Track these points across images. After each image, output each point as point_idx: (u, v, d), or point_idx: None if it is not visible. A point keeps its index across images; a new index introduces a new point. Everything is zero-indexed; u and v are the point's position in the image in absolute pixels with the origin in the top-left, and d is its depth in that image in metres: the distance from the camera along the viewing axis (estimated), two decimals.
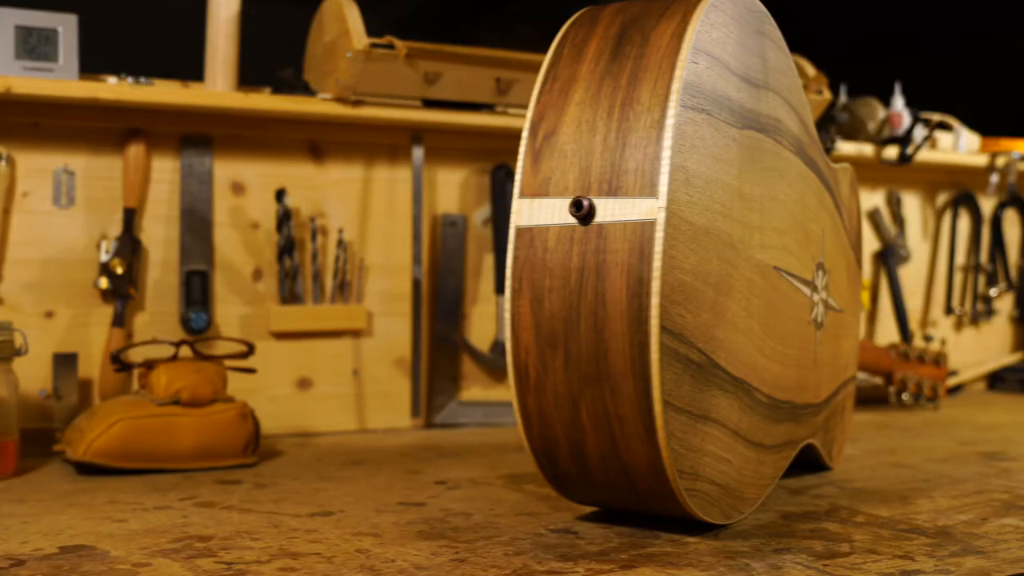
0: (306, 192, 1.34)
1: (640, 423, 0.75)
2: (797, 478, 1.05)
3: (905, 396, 1.55)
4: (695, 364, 0.76)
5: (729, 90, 0.81)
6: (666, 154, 0.74)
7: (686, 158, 0.75)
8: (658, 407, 0.73)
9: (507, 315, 0.79)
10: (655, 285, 0.73)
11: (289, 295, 1.31)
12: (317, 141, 1.34)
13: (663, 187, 0.73)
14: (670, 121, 0.74)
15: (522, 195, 0.80)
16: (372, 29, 1.23)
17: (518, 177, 0.80)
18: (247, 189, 1.31)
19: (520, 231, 0.79)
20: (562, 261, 0.77)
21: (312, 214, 1.33)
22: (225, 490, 1.00)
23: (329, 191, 1.35)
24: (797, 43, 1.66)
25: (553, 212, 0.78)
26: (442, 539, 0.80)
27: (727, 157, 0.80)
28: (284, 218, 1.28)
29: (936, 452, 1.21)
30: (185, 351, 1.16)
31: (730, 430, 0.82)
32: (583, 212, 0.76)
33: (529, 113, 0.81)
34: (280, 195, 1.28)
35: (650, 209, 0.74)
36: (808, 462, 1.07)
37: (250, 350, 1.16)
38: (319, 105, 1.26)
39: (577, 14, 0.85)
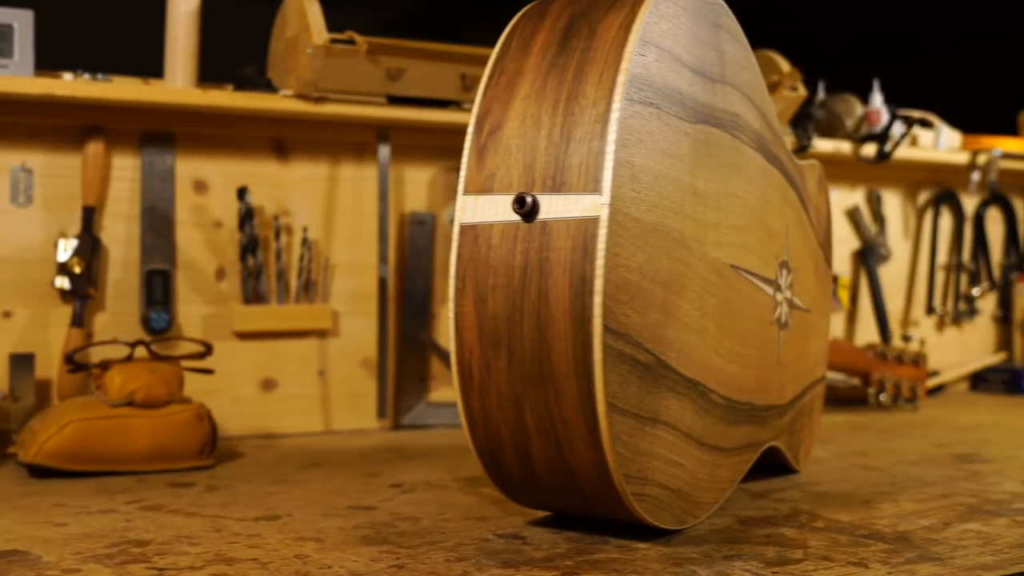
0: (270, 190, 1.31)
1: (584, 426, 0.73)
2: (762, 481, 1.03)
3: (883, 397, 1.53)
4: (643, 365, 0.74)
5: (681, 83, 0.78)
6: (610, 149, 0.72)
7: (632, 153, 0.73)
8: (602, 409, 0.71)
9: (451, 314, 0.77)
10: (598, 283, 0.70)
11: (252, 295, 1.29)
12: (282, 139, 1.32)
13: (607, 183, 0.71)
14: (615, 115, 0.72)
15: (466, 191, 0.77)
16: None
17: (463, 173, 0.78)
18: (210, 187, 1.29)
19: (464, 228, 0.77)
20: (505, 259, 0.74)
21: (276, 212, 1.31)
22: (175, 493, 0.97)
23: (294, 189, 1.33)
24: (789, 42, 1.66)
25: (497, 209, 0.76)
26: (385, 544, 0.78)
27: (678, 152, 0.78)
28: (246, 216, 1.26)
29: (908, 454, 1.19)
30: (141, 351, 1.14)
31: (682, 433, 0.79)
32: (526, 209, 0.73)
33: (475, 108, 0.79)
34: (242, 193, 1.26)
35: (593, 205, 0.71)
36: (775, 464, 1.05)
37: (208, 350, 1.14)
38: (280, 102, 1.24)
39: (527, 7, 0.83)
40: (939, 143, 1.73)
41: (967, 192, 1.81)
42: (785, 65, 1.44)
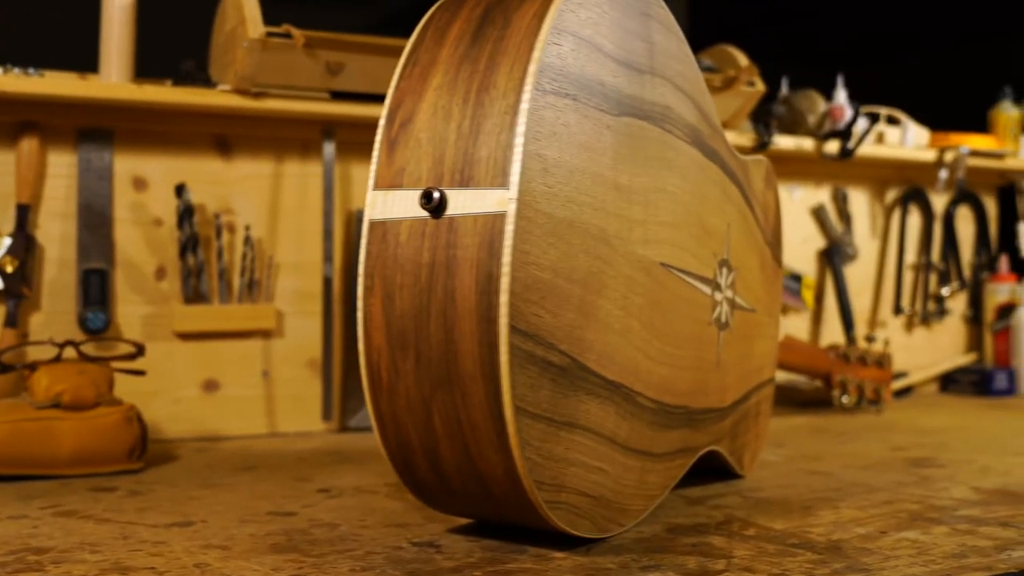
0: (212, 188, 1.28)
1: (492, 430, 0.69)
2: (703, 486, 1.00)
3: (845, 399, 1.50)
4: (556, 367, 0.71)
5: (603, 74, 0.75)
6: (519, 141, 0.69)
7: (544, 146, 0.70)
8: (509, 413, 0.68)
9: (359, 314, 0.74)
10: (504, 282, 0.67)
11: (194, 294, 1.26)
12: (224, 135, 1.29)
13: (514, 177, 0.68)
14: (524, 106, 0.69)
15: (376, 187, 0.74)
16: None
17: (373, 167, 0.75)
18: (149, 184, 1.26)
19: (373, 225, 0.74)
20: (413, 257, 0.71)
21: (218, 210, 1.28)
22: (95, 498, 0.94)
23: (237, 187, 1.30)
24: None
25: (406, 204, 0.73)
26: (293, 553, 0.75)
27: (599, 146, 0.75)
28: (185, 214, 1.23)
29: (861, 458, 1.16)
30: (70, 352, 1.11)
31: (604, 438, 0.76)
32: (433, 204, 0.70)
33: (387, 100, 0.76)
34: (180, 190, 1.23)
35: (500, 200, 0.68)
36: (720, 469, 1.02)
37: (139, 351, 1.11)
38: (219, 97, 1.21)
39: None
40: (906, 140, 1.69)
41: (935, 190, 1.78)
42: (743, 59, 1.41)
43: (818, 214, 1.69)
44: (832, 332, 1.72)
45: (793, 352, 1.42)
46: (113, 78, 1.18)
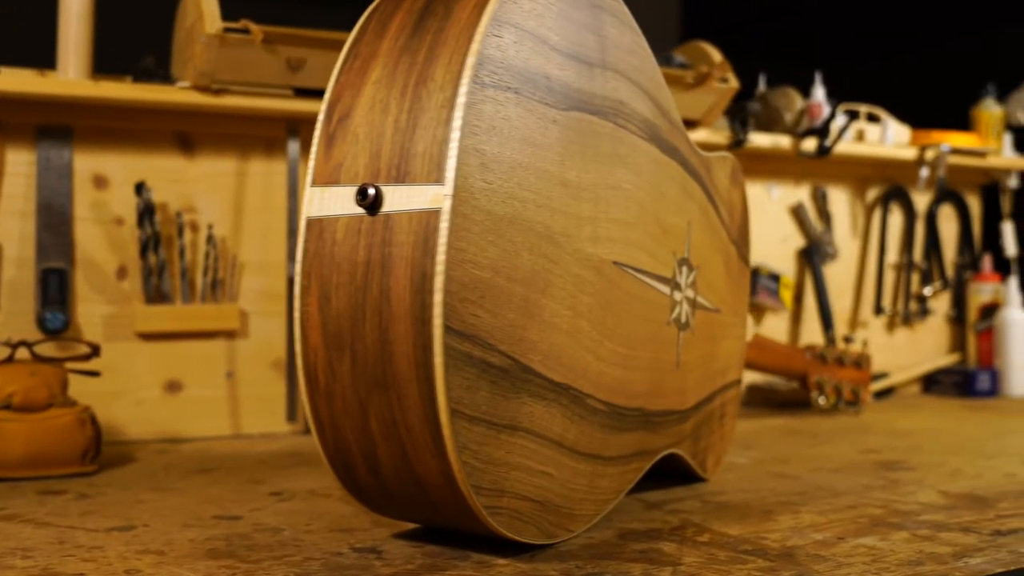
0: (175, 186, 1.26)
1: (428, 433, 0.67)
2: (664, 490, 0.98)
3: (822, 400, 1.48)
4: (497, 369, 0.69)
5: (548, 68, 0.73)
6: (455, 136, 0.67)
7: (482, 140, 0.68)
8: (444, 416, 0.66)
9: (296, 314, 0.71)
10: (438, 281, 0.65)
11: (155, 294, 1.24)
12: (186, 133, 1.27)
13: (450, 172, 0.66)
14: (461, 100, 0.67)
15: (314, 183, 0.72)
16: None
17: (311, 163, 0.73)
18: (110, 183, 1.24)
19: (311, 222, 0.72)
20: (349, 255, 0.69)
21: (181, 208, 1.26)
22: (41, 501, 0.92)
23: (200, 185, 1.28)
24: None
25: (343, 201, 0.70)
26: (229, 559, 0.73)
27: (544, 141, 0.72)
28: (146, 212, 1.21)
29: (831, 461, 1.14)
30: (23, 353, 1.09)
31: (551, 441, 0.74)
32: (368, 201, 0.68)
33: (327, 94, 0.74)
34: (140, 188, 1.21)
35: (436, 197, 0.66)
36: (683, 473, 1.00)
37: (94, 352, 1.09)
38: (178, 94, 1.19)
39: None
40: (886, 138, 1.67)
41: (917, 189, 1.75)
42: (716, 55, 1.39)
43: (797, 213, 1.67)
44: (811, 332, 1.69)
45: (767, 353, 1.39)
46: (71, 74, 1.16)
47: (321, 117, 0.73)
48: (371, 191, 0.68)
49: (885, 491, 0.98)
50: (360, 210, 0.69)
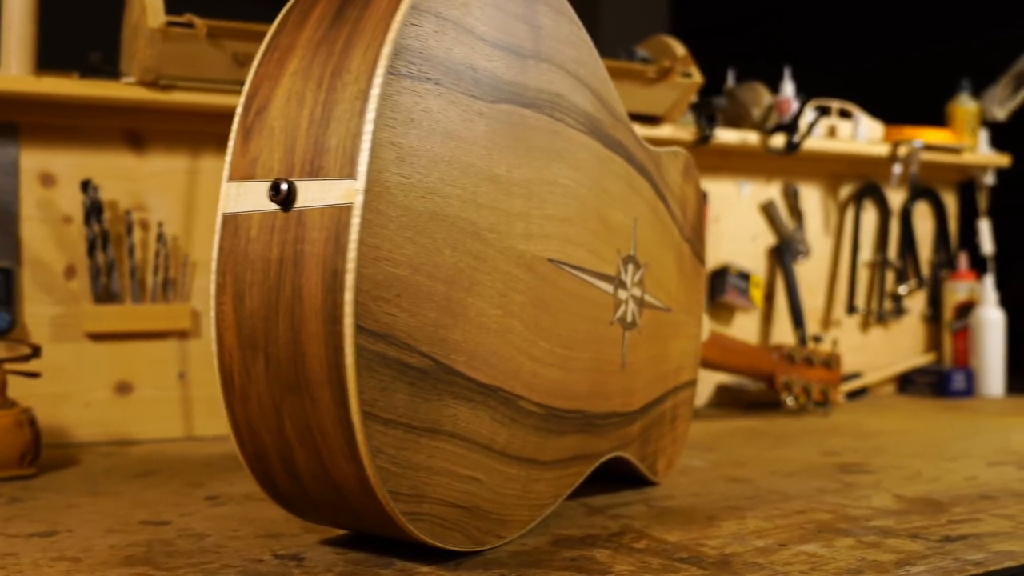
0: (125, 184, 1.24)
1: (341, 437, 0.65)
2: (611, 494, 0.95)
3: (790, 401, 1.45)
4: (416, 370, 0.66)
5: (475, 58, 0.71)
6: (368, 128, 0.64)
7: (399, 134, 0.65)
8: (357, 419, 0.64)
9: (212, 313, 0.69)
10: (349, 279, 0.63)
11: (104, 293, 1.21)
12: (136, 130, 1.24)
13: (362, 166, 0.64)
14: (375, 91, 0.65)
15: (230, 178, 0.70)
16: None
17: (228, 158, 0.70)
18: (58, 180, 1.21)
19: (226, 219, 0.69)
20: (263, 252, 0.67)
21: (131, 206, 1.23)
22: None
23: (150, 183, 1.25)
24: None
25: (258, 197, 0.68)
26: (144, 566, 0.71)
27: (469, 135, 0.70)
28: (93, 210, 1.19)
29: (790, 463, 1.12)
30: None
31: (478, 445, 0.72)
32: (281, 196, 0.66)
33: (245, 86, 0.71)
34: (86, 186, 1.18)
35: (347, 192, 0.64)
36: (634, 476, 0.97)
37: (34, 352, 1.07)
38: (124, 90, 1.16)
39: None
40: (858, 134, 1.65)
41: (890, 186, 1.73)
42: (680, 49, 1.36)
43: (768, 210, 1.64)
44: (783, 332, 1.67)
45: (731, 353, 1.37)
46: (13, 70, 1.14)
47: (239, 110, 0.71)
48: (284, 186, 0.66)
49: (838, 495, 0.95)
50: (274, 206, 0.67)
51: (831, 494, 0.96)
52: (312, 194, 0.66)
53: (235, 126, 0.71)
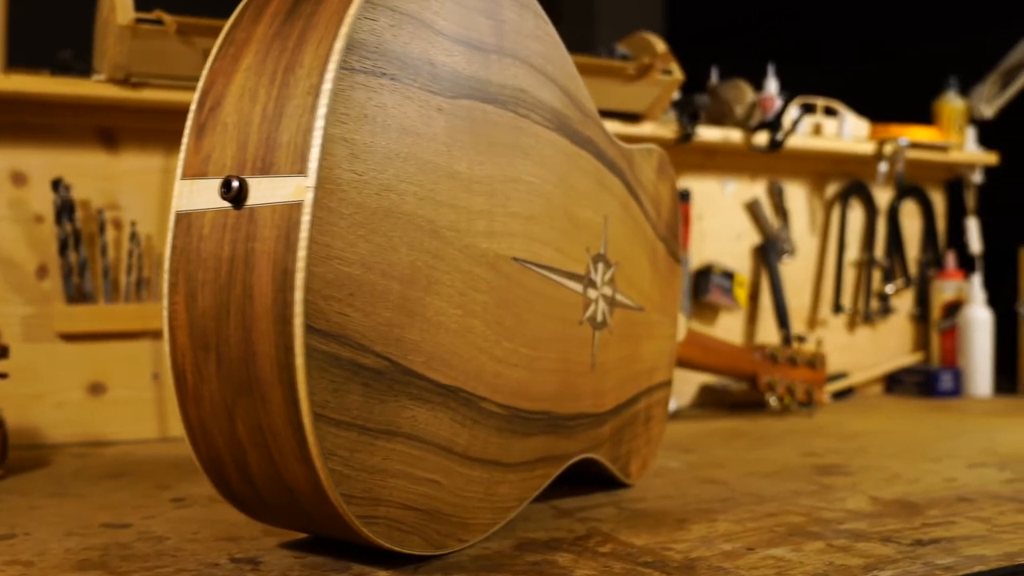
0: (98, 182, 1.23)
1: (293, 438, 0.64)
2: (582, 496, 0.94)
3: (773, 401, 1.44)
4: (370, 371, 0.65)
5: (433, 53, 0.70)
6: (319, 124, 0.63)
7: (352, 129, 0.64)
8: (308, 421, 0.62)
9: (164, 313, 0.68)
10: (299, 278, 0.61)
11: (76, 293, 1.20)
12: (109, 128, 1.23)
13: (313, 163, 0.62)
14: (327, 86, 0.63)
15: (184, 176, 0.68)
16: None
17: (181, 155, 0.69)
18: (30, 179, 1.20)
19: (179, 217, 0.68)
20: (215, 251, 0.66)
21: (103, 205, 1.22)
22: None
23: (124, 181, 1.24)
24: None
25: (210, 195, 0.67)
26: (98, 570, 0.70)
27: (427, 131, 0.69)
28: (64, 209, 1.17)
29: (768, 465, 1.10)
30: None
31: (437, 447, 0.70)
32: (232, 194, 0.65)
33: (200, 82, 0.70)
34: (56, 185, 1.17)
35: (298, 189, 0.62)
36: (606, 478, 0.96)
37: (2, 353, 1.05)
38: (94, 87, 1.15)
39: None
40: (843, 132, 1.63)
41: (876, 184, 1.71)
42: (660, 46, 1.35)
43: (752, 209, 1.63)
44: (768, 332, 1.65)
45: (712, 353, 1.35)
46: None
47: (193, 106, 0.70)
48: (235, 183, 0.65)
49: (813, 497, 0.94)
50: (226, 204, 0.66)
51: (806, 496, 0.94)
52: (263, 191, 0.64)
53: (189, 123, 0.70)
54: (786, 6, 2.29)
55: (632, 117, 1.43)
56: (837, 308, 1.70)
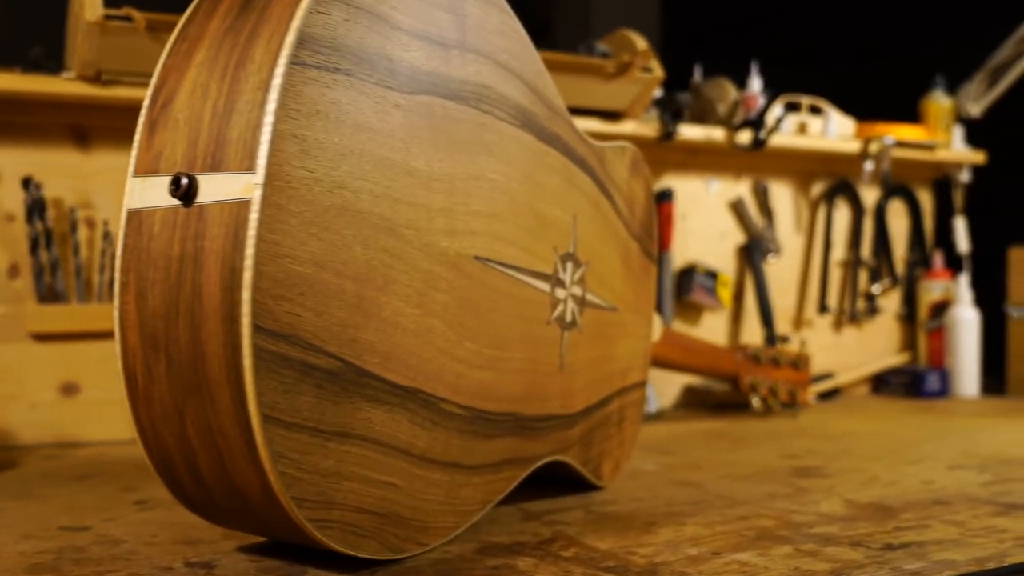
0: (71, 181, 1.21)
1: (242, 440, 0.62)
2: (552, 498, 0.93)
3: (756, 402, 1.42)
4: (322, 371, 0.64)
5: (390, 48, 0.68)
6: (268, 120, 0.61)
7: (303, 125, 0.63)
8: (256, 422, 0.61)
9: (115, 313, 0.67)
10: (247, 276, 0.60)
11: (48, 293, 1.19)
12: (81, 126, 1.22)
13: (262, 159, 0.61)
14: (277, 81, 0.62)
15: (135, 173, 0.67)
16: None
17: (133, 152, 0.68)
18: (2, 178, 1.19)
19: (130, 215, 0.67)
20: (164, 249, 0.64)
21: (76, 204, 1.21)
22: None
23: (97, 180, 1.23)
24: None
25: (161, 192, 0.65)
26: (49, 574, 0.68)
27: (383, 127, 0.67)
28: (35, 208, 1.16)
29: (745, 467, 1.09)
30: None
31: (395, 449, 0.69)
32: (181, 191, 0.63)
33: (153, 78, 0.69)
34: (27, 183, 1.16)
35: (246, 186, 0.61)
36: (578, 480, 0.95)
37: None
38: (64, 85, 1.14)
39: None
40: (828, 130, 1.62)
41: (861, 183, 1.70)
42: (640, 43, 1.33)
43: (737, 208, 1.61)
44: (752, 332, 1.64)
45: (692, 353, 1.34)
46: None
47: (146, 103, 0.68)
48: (184, 180, 0.63)
49: (787, 500, 0.93)
50: (176, 201, 0.65)
51: (781, 499, 0.93)
52: (213, 189, 0.63)
53: (141, 119, 0.68)
54: (785, 6, 2.28)
55: (613, 115, 1.42)
56: (823, 308, 1.69)
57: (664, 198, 1.52)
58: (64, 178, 1.21)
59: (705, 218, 1.60)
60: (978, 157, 1.76)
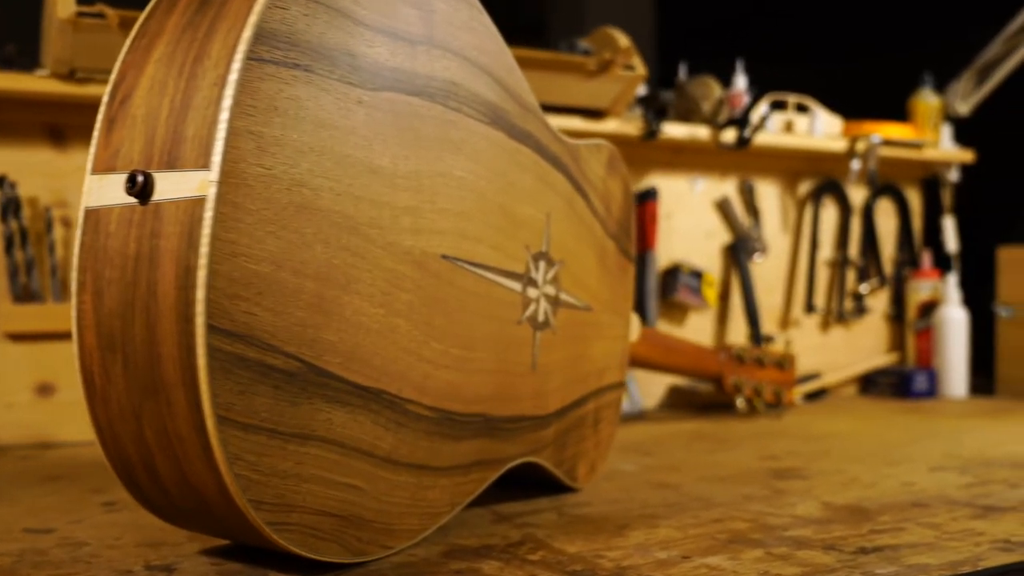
0: (46, 180, 1.20)
1: (197, 442, 0.61)
2: (524, 500, 0.92)
3: (740, 403, 1.41)
4: (281, 372, 0.63)
5: (353, 44, 0.67)
6: (223, 116, 0.60)
7: (260, 122, 0.62)
8: (211, 424, 0.60)
9: (73, 313, 0.66)
10: (201, 275, 0.59)
11: (23, 292, 1.18)
12: (57, 124, 1.21)
13: (217, 156, 0.60)
14: (233, 77, 0.61)
15: (93, 171, 0.66)
16: None
17: (92, 150, 0.67)
18: None
19: (88, 213, 0.66)
20: (121, 248, 0.63)
21: (52, 203, 1.20)
22: None
23: (72, 179, 1.22)
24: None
25: (117, 190, 0.64)
26: None
27: (345, 124, 0.66)
28: (9, 207, 1.15)
29: (724, 468, 1.08)
30: None
31: (357, 451, 0.68)
32: (137, 189, 0.62)
33: (112, 75, 0.68)
34: (1, 182, 1.15)
35: (202, 184, 0.60)
36: (551, 482, 0.94)
37: None
38: (36, 83, 1.13)
39: None
40: (815, 129, 1.61)
41: (849, 182, 1.69)
42: (622, 41, 1.32)
43: (722, 207, 1.60)
44: (738, 332, 1.63)
45: (674, 353, 1.33)
46: None
47: (104, 99, 0.67)
48: (140, 178, 0.62)
49: (763, 502, 0.92)
50: (132, 199, 0.64)
51: (756, 501, 0.92)
52: (169, 186, 0.62)
53: (100, 116, 0.67)
54: (783, 6, 2.27)
55: (595, 113, 1.41)
56: (810, 308, 1.68)
57: (648, 197, 1.51)
58: (39, 177, 1.20)
59: (690, 217, 1.59)
60: (966, 156, 1.75)
